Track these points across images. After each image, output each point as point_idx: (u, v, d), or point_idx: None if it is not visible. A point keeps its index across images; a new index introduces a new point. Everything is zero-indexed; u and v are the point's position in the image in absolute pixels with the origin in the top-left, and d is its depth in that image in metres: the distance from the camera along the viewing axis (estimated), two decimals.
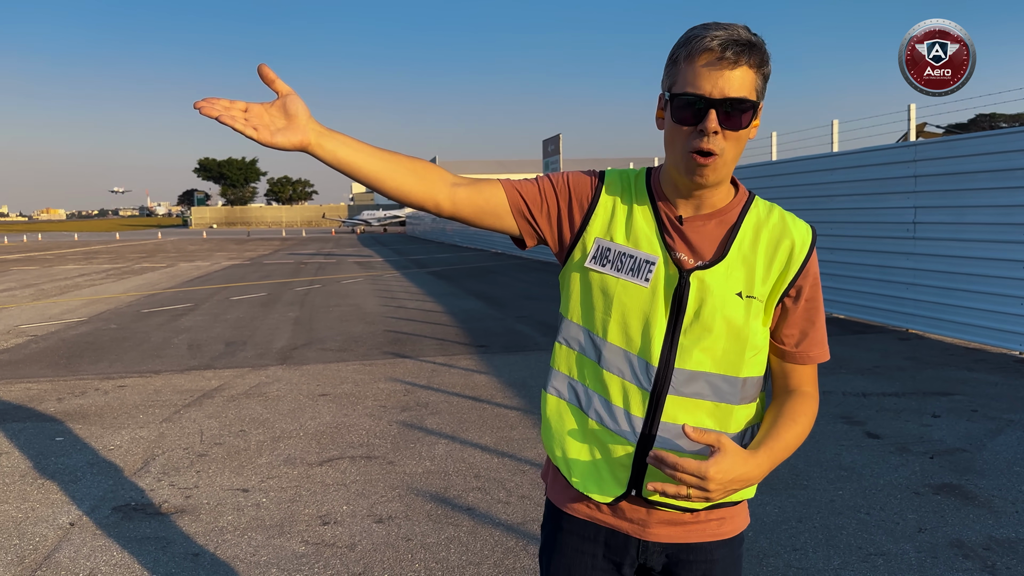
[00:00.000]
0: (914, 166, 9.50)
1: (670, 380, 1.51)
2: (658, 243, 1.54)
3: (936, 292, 9.23)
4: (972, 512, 4.11)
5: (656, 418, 1.51)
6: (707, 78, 1.42)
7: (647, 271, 1.52)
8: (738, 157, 1.51)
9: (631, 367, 1.53)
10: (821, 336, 1.59)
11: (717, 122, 1.42)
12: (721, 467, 1.36)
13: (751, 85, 1.44)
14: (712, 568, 1.60)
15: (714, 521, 1.59)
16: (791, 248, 1.53)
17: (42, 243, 53.13)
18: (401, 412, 6.33)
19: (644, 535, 1.59)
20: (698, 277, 1.50)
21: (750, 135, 1.50)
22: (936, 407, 6.19)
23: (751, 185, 13.11)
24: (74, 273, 23.21)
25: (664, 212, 1.56)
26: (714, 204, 1.55)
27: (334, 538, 3.96)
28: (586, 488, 1.58)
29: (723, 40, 1.40)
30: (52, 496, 4.60)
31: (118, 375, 8.01)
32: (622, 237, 1.56)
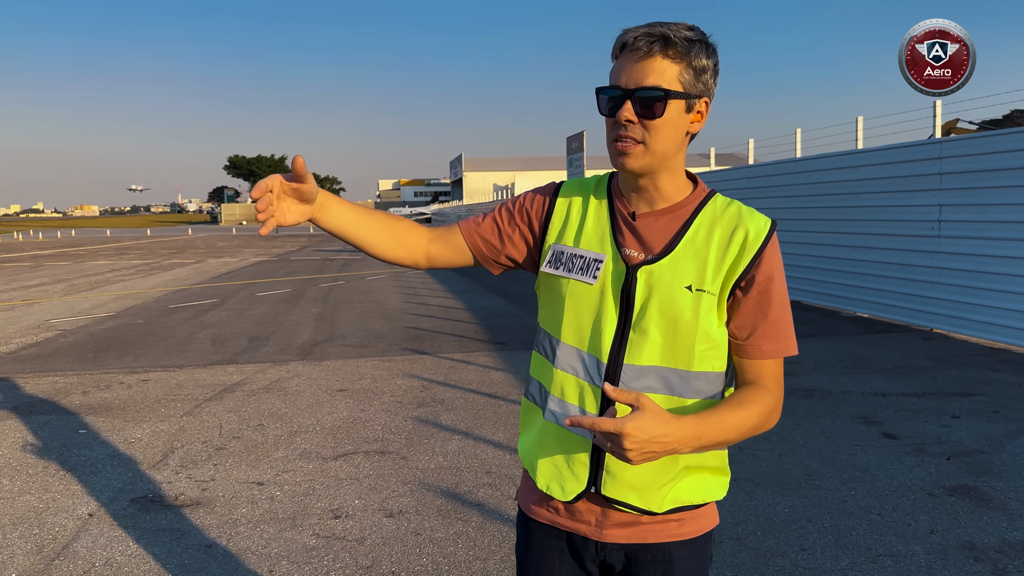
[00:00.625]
0: (939, 163, 9.37)
1: (620, 376, 1.52)
2: (609, 241, 1.58)
3: (961, 291, 9.10)
4: (986, 514, 4.07)
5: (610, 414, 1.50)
6: (623, 71, 1.49)
7: (595, 269, 1.56)
8: (670, 149, 1.52)
9: (583, 365, 1.56)
10: (776, 330, 1.53)
11: (631, 111, 1.48)
12: (638, 424, 1.29)
13: (670, 75, 1.47)
14: (671, 568, 1.60)
15: (673, 522, 1.60)
16: (744, 239, 1.52)
17: (75, 239, 54.03)
18: (417, 408, 6.38)
19: (600, 536, 1.61)
20: (645, 271, 1.53)
21: (691, 129, 1.54)
22: (956, 408, 6.11)
23: (774, 182, 13.03)
24: (104, 269, 23.59)
25: (619, 210, 1.60)
26: (668, 199, 1.57)
27: (344, 531, 4.01)
28: (550, 489, 1.61)
29: (638, 34, 1.47)
30: (72, 487, 4.70)
31: (143, 369, 8.14)
32: (573, 240, 1.62)
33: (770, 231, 1.54)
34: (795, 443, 5.29)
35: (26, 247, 40.46)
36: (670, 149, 1.51)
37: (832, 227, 11.49)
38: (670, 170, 1.55)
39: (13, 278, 20.29)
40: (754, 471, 4.77)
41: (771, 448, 5.19)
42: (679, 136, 1.51)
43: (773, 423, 1.53)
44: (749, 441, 5.35)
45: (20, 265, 25.72)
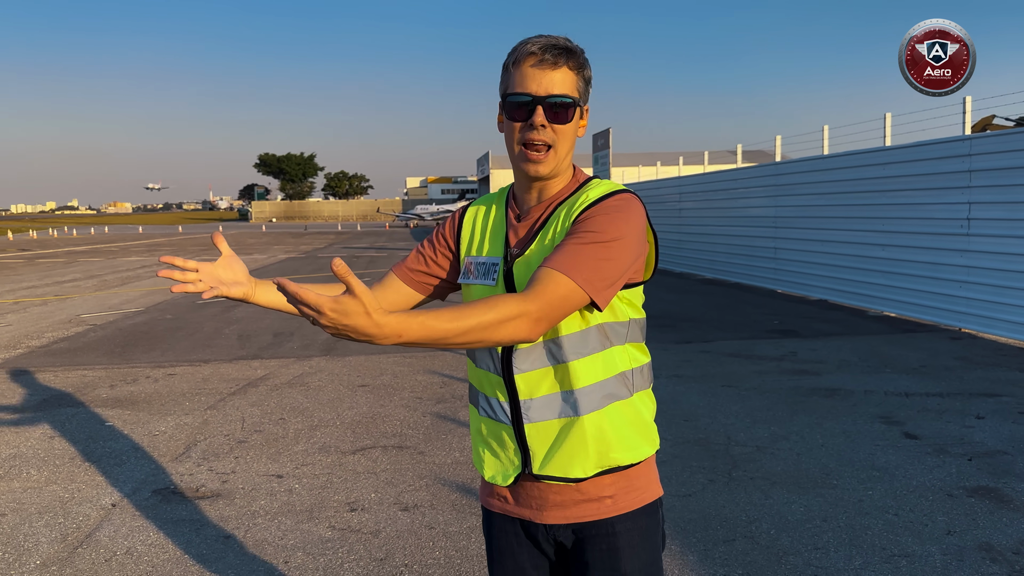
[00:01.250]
0: (969, 160, 9.23)
1: (512, 360, 1.65)
2: (501, 244, 1.72)
3: (990, 291, 8.96)
4: (1006, 515, 4.02)
5: (515, 397, 1.66)
6: (532, 78, 1.61)
7: (493, 272, 1.71)
8: (570, 151, 1.68)
9: (492, 360, 1.69)
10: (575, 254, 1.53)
11: (544, 116, 1.60)
12: (340, 304, 1.24)
13: (572, 84, 1.62)
14: (616, 540, 1.68)
15: (607, 499, 1.68)
16: (583, 202, 1.63)
17: (108, 235, 54.92)
18: (436, 404, 6.42)
19: (543, 519, 1.72)
20: (519, 262, 1.67)
21: (579, 133, 1.69)
22: (981, 408, 6.03)
23: (801, 179, 12.92)
24: (136, 265, 23.97)
25: (510, 216, 1.75)
26: (550, 195, 1.71)
27: (360, 524, 4.06)
28: (494, 478, 1.75)
29: (542, 45, 1.60)
30: (97, 478, 4.80)
31: (169, 364, 8.28)
32: (476, 249, 1.78)
33: (609, 193, 1.62)
34: (814, 442, 5.26)
35: (60, 243, 41.20)
36: (568, 151, 1.67)
37: (860, 225, 11.36)
38: (563, 172, 1.70)
39: (47, 274, 20.68)
40: (771, 470, 4.75)
41: (789, 447, 5.17)
42: (574, 140, 1.67)
43: (516, 332, 1.45)
44: (767, 440, 5.32)
45: (54, 261, 26.21)
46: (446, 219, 1.89)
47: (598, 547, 1.68)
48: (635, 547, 1.69)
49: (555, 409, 1.65)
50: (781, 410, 6.07)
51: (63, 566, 3.63)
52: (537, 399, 1.65)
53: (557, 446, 1.65)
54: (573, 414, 1.64)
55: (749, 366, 7.72)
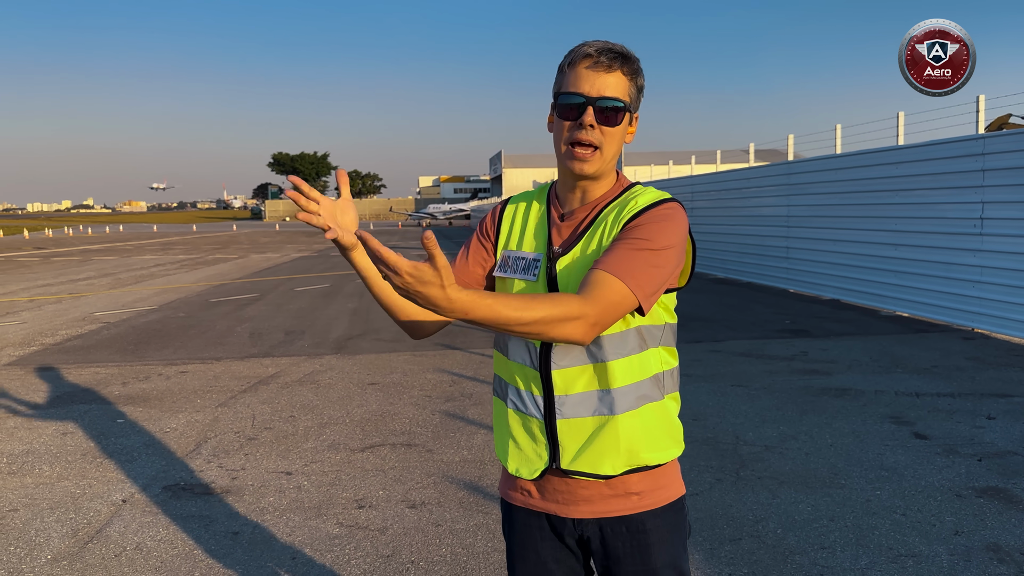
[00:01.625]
0: (982, 159, 9.16)
1: (551, 357, 1.68)
2: (544, 242, 1.75)
3: (1003, 290, 8.90)
4: (1015, 516, 3.99)
5: (550, 393, 1.68)
6: (586, 80, 1.64)
7: (534, 268, 1.73)
8: (615, 156, 1.71)
9: (529, 353, 1.72)
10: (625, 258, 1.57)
11: (593, 117, 1.63)
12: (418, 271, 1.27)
13: (625, 89, 1.66)
14: (646, 537, 1.72)
15: (634, 495, 1.71)
16: (632, 208, 1.67)
17: (123, 234, 55.30)
18: (445, 402, 6.44)
19: (569, 513, 1.74)
20: (563, 260, 1.69)
21: (627, 140, 1.72)
22: (992, 409, 5.99)
23: (814, 179, 12.87)
24: (150, 263, 24.13)
25: (553, 212, 1.78)
26: (594, 198, 1.74)
27: (367, 521, 4.08)
28: (519, 471, 1.75)
29: (600, 48, 1.64)
30: (108, 474, 4.85)
31: (181, 361, 8.34)
32: (516, 244, 1.80)
33: (658, 201, 1.66)
34: (823, 442, 5.24)
35: (75, 242, 41.53)
36: (615, 154, 1.70)
37: (872, 224, 11.30)
38: (607, 175, 1.73)
39: (62, 272, 20.85)
40: (779, 469, 4.74)
41: (798, 447, 5.15)
42: (621, 145, 1.70)
43: (572, 332, 1.48)
44: (775, 439, 5.31)
45: (69, 259, 26.42)
46: (486, 215, 1.90)
47: (628, 542, 1.72)
48: (664, 542, 1.73)
49: (590, 407, 1.67)
50: (790, 410, 6.05)
51: (73, 561, 3.67)
52: (572, 395, 1.67)
53: (589, 443, 1.67)
54: (608, 413, 1.67)
55: (759, 366, 7.70)
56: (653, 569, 1.72)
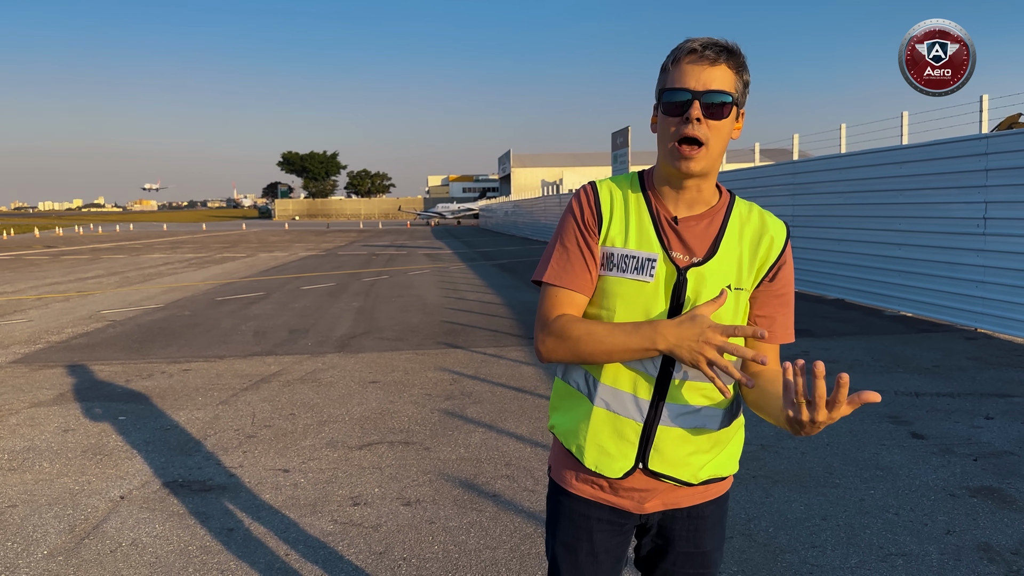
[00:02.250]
0: (986, 159, 9.13)
1: (675, 365, 1.68)
2: (656, 242, 1.70)
3: (1007, 290, 8.87)
4: (1007, 516, 3.99)
5: (661, 399, 1.70)
6: (691, 74, 1.62)
7: (650, 268, 1.68)
8: (722, 153, 1.68)
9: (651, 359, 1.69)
10: (790, 322, 1.79)
11: (700, 111, 1.61)
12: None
13: (731, 83, 1.63)
14: (703, 523, 1.83)
15: (700, 490, 1.81)
16: (770, 243, 1.73)
17: (133, 233, 55.57)
18: (445, 400, 6.47)
19: (641, 510, 1.80)
20: (695, 273, 1.67)
21: (733, 135, 1.70)
22: (991, 409, 5.98)
23: (819, 178, 12.84)
24: (158, 262, 24.26)
25: (660, 212, 1.72)
26: (705, 202, 1.73)
27: (362, 518, 4.11)
28: (599, 467, 1.75)
29: (704, 42, 1.62)
30: (108, 471, 4.89)
31: (185, 359, 8.39)
32: (622, 241, 1.71)
33: (787, 235, 1.77)
34: (819, 441, 5.25)
35: (85, 240, 41.76)
36: (721, 152, 1.67)
37: (876, 224, 11.28)
38: (714, 173, 1.70)
39: (71, 270, 20.99)
40: (774, 468, 4.75)
41: (794, 446, 5.16)
42: (727, 142, 1.68)
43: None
44: (772, 438, 5.32)
45: (79, 258, 26.58)
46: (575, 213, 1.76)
47: (685, 527, 1.82)
48: (717, 526, 1.85)
49: (694, 420, 1.73)
50: None
51: (69, 556, 3.71)
52: (681, 406, 1.71)
53: (683, 451, 1.73)
54: (710, 428, 1.75)
55: None
56: (704, 552, 1.83)
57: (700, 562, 1.84)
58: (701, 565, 1.84)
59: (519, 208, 47.92)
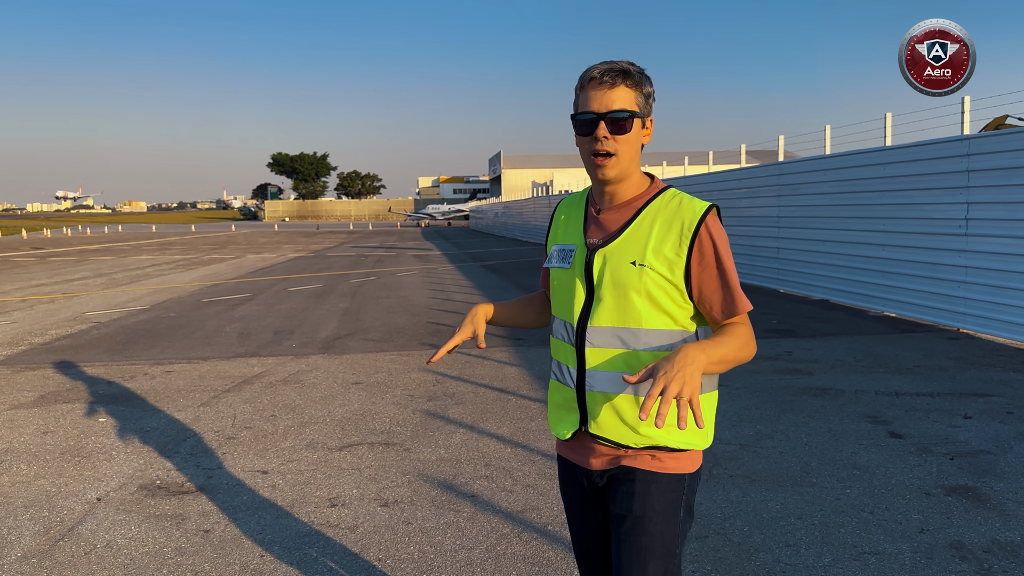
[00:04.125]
0: (967, 160, 9.20)
1: (586, 336, 1.93)
2: (580, 234, 2.01)
3: (988, 291, 8.93)
4: (980, 514, 4.02)
5: (583, 367, 1.94)
6: (594, 99, 1.88)
7: (569, 256, 2.00)
8: (634, 158, 1.93)
9: (565, 330, 2.00)
10: (735, 295, 1.88)
11: (606, 129, 1.87)
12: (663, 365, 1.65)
13: (630, 100, 1.88)
14: (643, 487, 1.91)
15: (647, 456, 1.93)
16: (681, 223, 1.88)
17: (122, 234, 55.34)
18: (427, 401, 6.47)
19: (589, 465, 2.03)
20: (601, 252, 1.93)
21: (644, 140, 1.95)
22: (970, 408, 6.02)
23: (804, 179, 12.89)
24: (146, 263, 24.16)
25: (590, 210, 2.03)
26: (623, 197, 1.97)
27: (339, 519, 4.11)
28: (557, 431, 2.06)
29: (602, 69, 1.87)
30: (86, 473, 4.87)
31: (168, 361, 8.36)
32: (560, 238, 2.09)
33: (704, 214, 1.87)
34: (798, 441, 5.27)
35: (73, 242, 41.55)
36: (632, 157, 1.91)
37: (860, 225, 11.34)
38: (631, 175, 1.95)
39: (57, 272, 20.88)
40: (751, 468, 4.77)
41: (773, 446, 5.18)
42: (638, 148, 1.93)
43: (753, 349, 1.88)
44: (751, 438, 5.34)
45: (66, 259, 26.45)
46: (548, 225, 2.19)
47: (621, 488, 1.95)
48: (656, 496, 1.90)
49: (617, 386, 1.90)
50: (769, 409, 6.08)
51: (43, 559, 3.70)
52: (602, 372, 1.91)
53: (614, 416, 1.91)
54: (634, 394, 1.89)
55: (742, 365, 7.73)
56: (636, 516, 1.90)
57: (633, 528, 1.89)
58: (635, 532, 1.89)
59: (509, 209, 47.94)
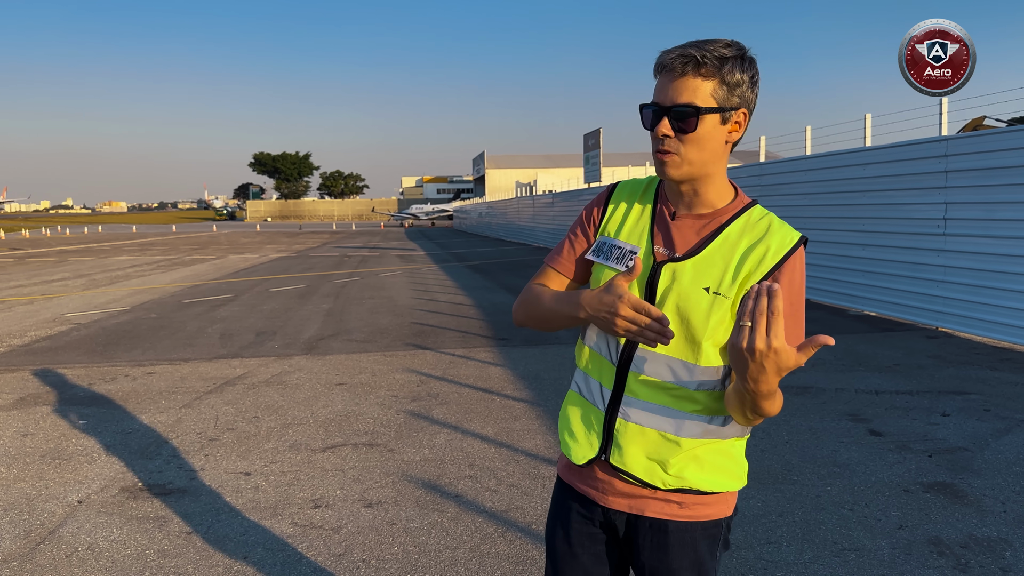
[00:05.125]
0: (945, 161, 9.30)
1: (633, 357, 1.68)
2: (645, 237, 1.72)
3: (966, 290, 9.04)
4: (958, 511, 4.08)
5: (620, 391, 1.69)
6: (661, 89, 1.64)
7: (628, 259, 1.71)
8: (707, 158, 1.64)
9: (606, 344, 1.73)
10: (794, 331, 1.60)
11: (668, 127, 1.62)
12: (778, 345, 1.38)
13: (701, 92, 1.60)
14: (666, 540, 1.71)
15: (674, 503, 1.71)
16: (765, 251, 1.62)
17: (101, 235, 54.85)
18: (411, 402, 6.47)
19: (605, 502, 1.76)
20: (670, 268, 1.66)
21: (729, 138, 1.65)
22: (948, 406, 6.09)
23: (785, 180, 12.98)
24: (126, 264, 23.96)
25: (662, 210, 1.74)
26: (709, 204, 1.69)
27: (322, 521, 4.10)
28: (568, 450, 1.80)
29: (674, 55, 1.61)
30: (66, 475, 4.84)
31: (149, 362, 8.31)
32: (615, 232, 1.77)
33: (794, 246, 1.63)
34: (779, 439, 5.32)
35: (53, 243, 41.14)
36: (706, 158, 1.64)
37: (841, 225, 11.43)
38: (709, 176, 1.67)
39: (36, 273, 20.68)
40: None
41: (754, 444, 5.22)
42: (716, 147, 1.63)
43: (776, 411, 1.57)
44: None
45: (45, 260, 26.18)
46: (592, 202, 1.87)
47: (648, 537, 1.73)
48: (685, 547, 1.71)
49: (654, 419, 1.67)
50: None
51: (23, 562, 3.67)
52: (641, 401, 1.68)
53: (642, 450, 1.68)
54: (672, 431, 1.66)
55: None
56: (671, 569, 1.71)
57: None
58: None
59: (493, 209, 47.94)
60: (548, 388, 6.87)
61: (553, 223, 30.86)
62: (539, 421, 5.84)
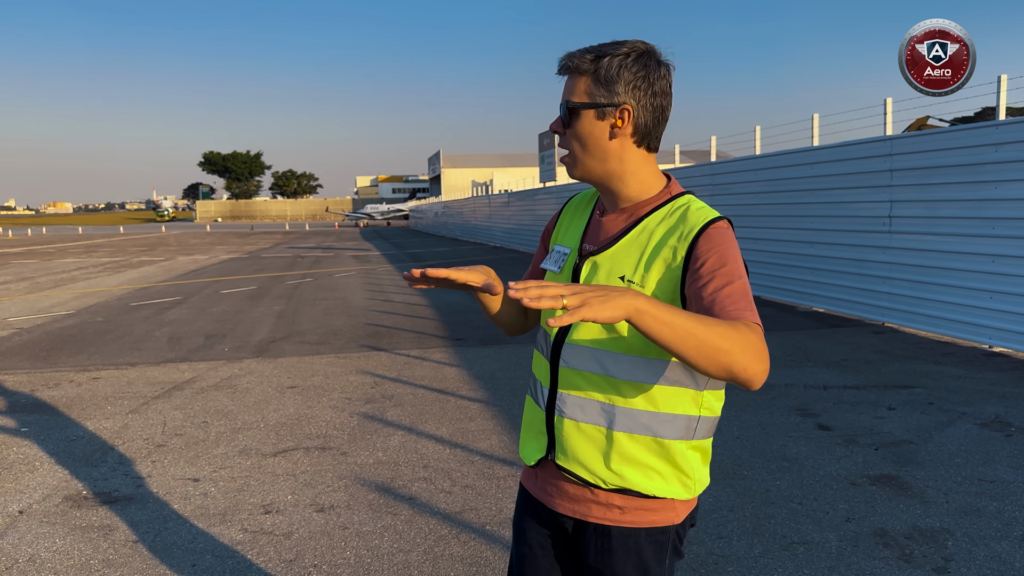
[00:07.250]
0: (890, 160, 9.52)
1: (561, 352, 1.69)
2: (579, 237, 1.77)
3: (910, 286, 9.26)
4: (903, 502, 4.17)
5: (555, 387, 1.70)
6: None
7: (561, 260, 1.77)
8: (596, 154, 1.64)
9: (546, 342, 1.76)
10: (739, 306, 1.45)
11: (559, 124, 1.69)
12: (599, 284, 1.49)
13: (578, 90, 1.63)
14: (609, 543, 1.67)
15: (615, 507, 1.67)
16: (680, 235, 1.57)
17: (46, 236, 53.43)
18: (365, 404, 6.41)
19: (552, 505, 1.76)
20: (590, 261, 1.68)
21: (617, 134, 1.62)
22: (894, 400, 6.24)
23: (736, 179, 13.15)
24: (72, 267, 23.37)
25: (595, 212, 1.78)
26: (629, 199, 1.69)
27: (273, 526, 4.04)
28: (523, 454, 1.83)
29: (562, 58, 1.66)
30: (6, 485, 4.69)
31: (95, 367, 8.11)
32: (560, 239, 1.84)
33: (706, 224, 1.56)
34: (730, 435, 5.39)
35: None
36: (595, 154, 1.64)
37: (789, 223, 11.64)
38: (616, 174, 1.66)
39: None
40: None
41: None
42: (599, 143, 1.63)
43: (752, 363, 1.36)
44: None
45: None
46: (551, 220, 1.95)
47: (594, 540, 1.70)
48: (630, 553, 1.67)
49: (588, 414, 1.65)
50: None
51: None
52: (574, 396, 1.66)
53: (582, 448, 1.66)
54: (606, 426, 1.63)
55: None
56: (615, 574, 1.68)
57: None
58: None
59: (449, 209, 47.82)
60: (503, 388, 6.87)
61: (509, 222, 30.89)
62: (494, 421, 5.84)
